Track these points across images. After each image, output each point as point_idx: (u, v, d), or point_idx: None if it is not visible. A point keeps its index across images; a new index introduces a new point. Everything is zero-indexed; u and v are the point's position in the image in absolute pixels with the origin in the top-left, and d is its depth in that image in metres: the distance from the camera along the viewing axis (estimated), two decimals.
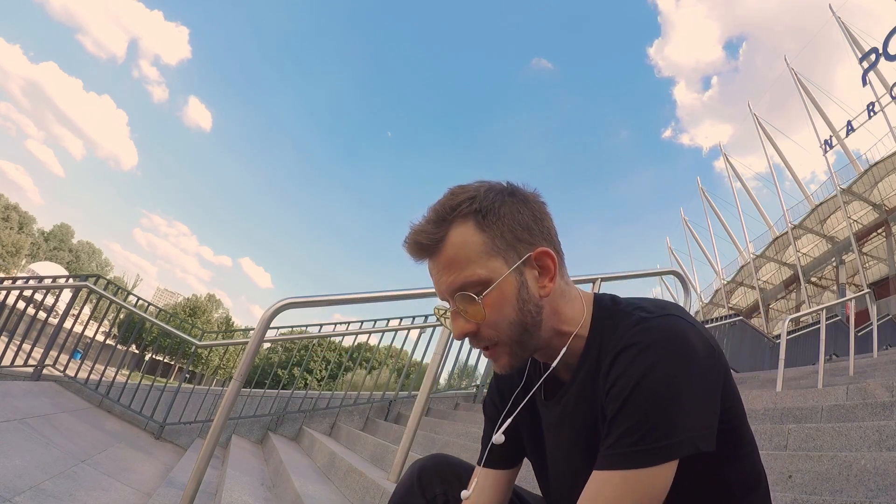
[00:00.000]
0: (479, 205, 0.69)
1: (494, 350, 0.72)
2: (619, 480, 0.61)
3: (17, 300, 4.53)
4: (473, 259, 0.69)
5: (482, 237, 0.69)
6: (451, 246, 0.69)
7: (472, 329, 0.70)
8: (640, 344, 0.64)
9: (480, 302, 0.68)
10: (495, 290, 0.68)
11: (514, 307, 0.69)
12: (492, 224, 0.69)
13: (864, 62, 20.73)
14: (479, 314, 0.69)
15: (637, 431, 0.61)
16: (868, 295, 7.06)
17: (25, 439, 2.83)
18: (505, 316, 0.69)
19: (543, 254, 0.70)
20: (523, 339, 0.71)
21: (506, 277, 0.69)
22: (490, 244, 0.69)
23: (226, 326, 46.08)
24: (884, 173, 21.01)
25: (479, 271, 0.68)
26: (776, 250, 28.13)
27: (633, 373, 0.62)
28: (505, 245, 0.69)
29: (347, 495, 2.29)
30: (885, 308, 16.57)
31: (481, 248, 0.69)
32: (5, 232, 52.19)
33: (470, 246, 0.69)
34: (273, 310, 2.09)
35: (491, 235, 0.69)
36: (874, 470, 1.52)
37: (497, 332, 0.70)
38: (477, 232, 0.69)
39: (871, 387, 3.09)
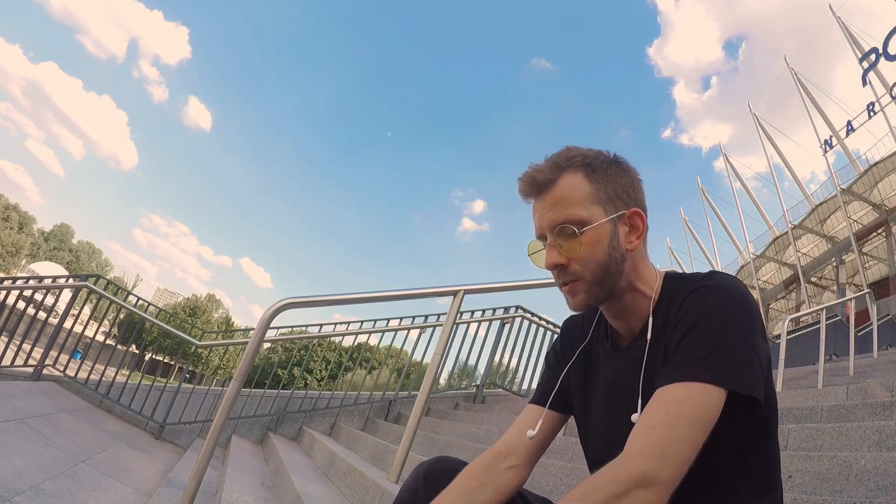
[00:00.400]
0: (591, 161, 0.81)
1: (575, 285, 0.80)
2: (685, 392, 0.66)
3: (17, 300, 4.53)
4: (578, 202, 0.79)
5: (589, 186, 0.80)
6: (562, 187, 0.80)
7: (563, 262, 0.79)
8: (708, 287, 0.74)
9: (579, 237, 0.78)
10: (592, 231, 0.78)
11: (604, 250, 0.79)
12: (598, 178, 0.80)
13: (864, 62, 20.73)
14: (575, 249, 0.78)
15: (702, 351, 0.68)
16: (868, 295, 7.06)
17: (25, 439, 2.83)
18: (595, 255, 0.78)
19: (636, 214, 0.81)
20: (604, 280, 0.79)
21: (603, 223, 0.79)
22: (594, 194, 0.80)
23: (226, 326, 46.08)
24: (884, 173, 21.01)
25: (582, 212, 0.78)
26: (776, 250, 28.14)
27: (700, 306, 0.72)
28: (606, 198, 0.80)
29: (347, 495, 2.29)
30: (885, 308, 16.57)
31: (586, 195, 0.79)
32: (5, 232, 52.19)
33: (577, 191, 0.79)
34: (273, 310, 2.09)
35: (596, 187, 0.80)
36: (874, 470, 1.52)
37: (583, 269, 0.79)
38: (585, 181, 0.80)
39: (871, 387, 3.09)
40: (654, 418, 0.65)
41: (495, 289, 2.83)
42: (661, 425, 0.64)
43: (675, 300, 0.77)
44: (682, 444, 0.62)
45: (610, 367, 0.85)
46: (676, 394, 0.66)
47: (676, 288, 0.79)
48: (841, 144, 22.57)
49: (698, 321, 0.70)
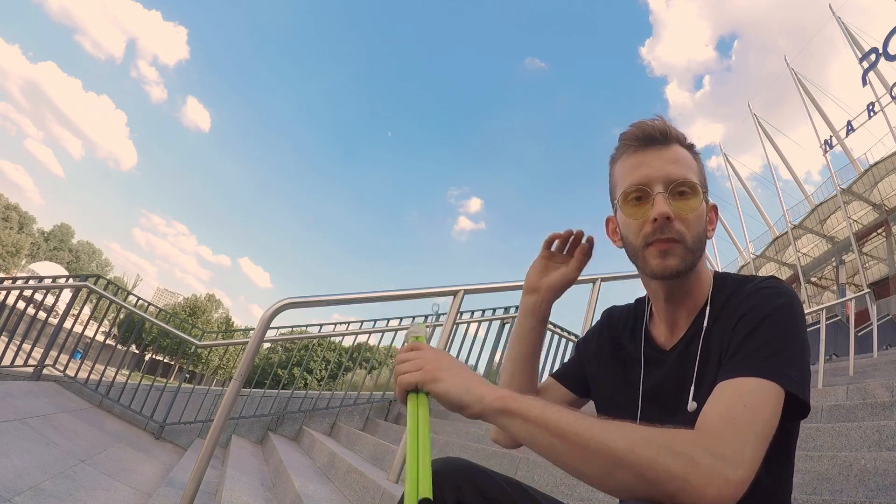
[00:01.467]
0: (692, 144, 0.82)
1: (673, 246, 0.76)
2: (756, 387, 0.63)
3: (17, 300, 4.53)
4: (694, 170, 0.79)
5: (696, 165, 0.80)
6: (680, 151, 0.80)
7: (671, 215, 0.75)
8: (774, 287, 0.73)
9: (693, 199, 0.77)
10: (703, 201, 0.78)
11: (703, 224, 0.79)
12: (699, 162, 0.82)
13: (864, 62, 20.72)
14: (687, 210, 0.76)
15: (770, 349, 0.66)
16: (868, 295, 7.06)
17: (25, 439, 2.83)
18: (699, 224, 0.78)
19: (715, 209, 0.83)
20: (696, 252, 0.77)
21: (705, 200, 0.79)
22: (699, 172, 0.80)
23: (226, 326, 46.08)
24: (884, 173, 21.00)
25: (696, 181, 0.78)
26: (776, 250, 28.13)
27: (769, 303, 0.70)
28: (703, 182, 0.80)
29: (347, 495, 2.29)
30: (885, 308, 16.56)
31: (696, 169, 0.80)
32: (5, 232, 52.18)
33: (691, 162, 0.80)
34: (273, 310, 2.09)
35: (699, 168, 0.81)
36: (874, 470, 1.52)
37: (687, 230, 0.76)
38: (692, 158, 0.81)
39: (871, 387, 3.10)
40: (732, 408, 0.61)
41: (495, 289, 2.83)
42: (741, 418, 0.59)
43: (734, 296, 0.75)
44: (760, 444, 0.59)
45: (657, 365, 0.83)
46: (749, 388, 0.62)
47: (731, 285, 0.78)
48: (841, 144, 22.56)
49: (766, 319, 0.68)
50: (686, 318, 0.81)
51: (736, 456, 0.56)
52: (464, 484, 0.81)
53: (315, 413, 4.92)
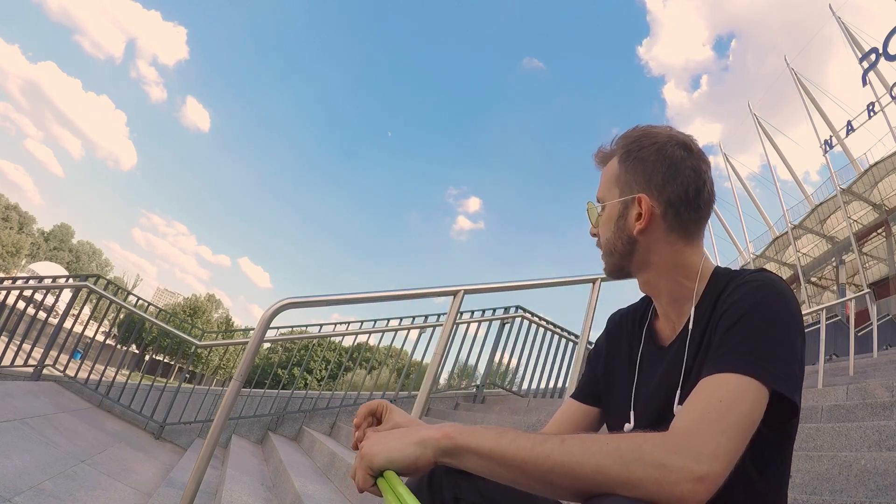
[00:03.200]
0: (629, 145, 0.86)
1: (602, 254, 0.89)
2: (735, 383, 0.62)
3: (17, 300, 4.53)
4: (607, 183, 0.87)
5: (616, 169, 0.86)
6: (608, 167, 0.89)
7: (593, 231, 0.91)
8: (759, 281, 0.72)
9: (599, 211, 0.89)
10: (607, 209, 0.87)
11: (611, 228, 0.86)
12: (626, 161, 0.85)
13: (864, 62, 20.72)
14: (594, 220, 0.90)
15: (749, 345, 0.65)
16: (868, 295, 7.05)
17: (25, 439, 2.83)
18: (605, 231, 0.87)
19: (641, 199, 0.82)
20: (612, 256, 0.87)
21: (613, 204, 0.86)
22: (620, 176, 0.85)
23: (226, 326, 46.08)
24: (884, 173, 21.00)
25: (604, 193, 0.88)
26: (776, 250, 28.13)
27: (751, 297, 0.70)
28: (625, 181, 0.84)
29: (347, 495, 2.29)
30: (885, 308, 16.56)
31: (613, 177, 0.86)
32: (5, 232, 52.18)
33: (610, 172, 0.88)
34: (273, 310, 2.09)
35: (624, 170, 0.85)
36: (874, 470, 1.52)
37: (601, 241, 0.89)
38: (617, 165, 0.86)
39: (871, 387, 3.09)
40: (706, 403, 0.60)
41: (495, 289, 2.83)
42: (715, 412, 0.59)
43: (724, 291, 0.75)
44: (736, 437, 0.58)
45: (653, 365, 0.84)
46: (726, 383, 0.62)
47: (725, 281, 0.78)
48: (841, 144, 22.57)
49: (747, 314, 0.68)
50: (676, 324, 0.82)
51: (708, 450, 0.56)
52: (462, 482, 0.80)
53: (315, 413, 4.93)
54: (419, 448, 0.64)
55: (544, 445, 0.58)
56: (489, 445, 0.61)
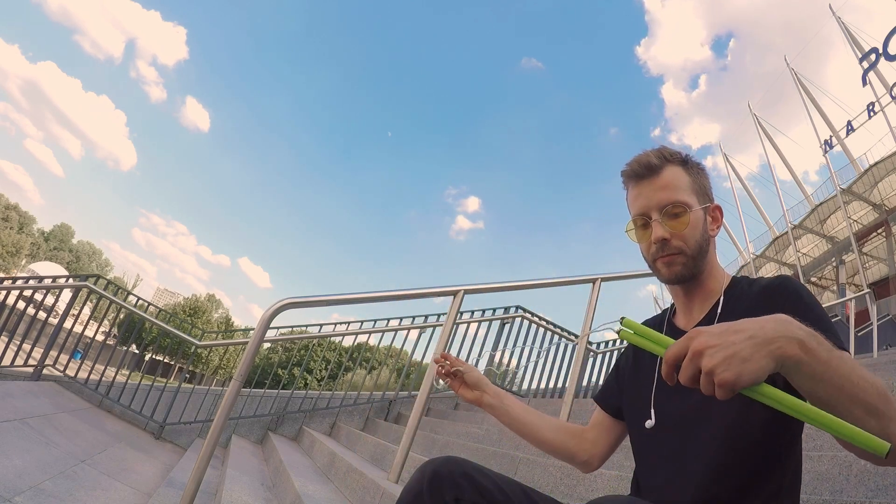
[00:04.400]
0: (686, 159, 0.96)
1: (674, 258, 0.91)
2: None
3: (17, 300, 4.53)
4: (683, 189, 0.93)
5: (688, 179, 0.94)
6: (668, 175, 0.93)
7: (667, 236, 0.91)
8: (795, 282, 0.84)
9: (684, 217, 0.91)
10: (693, 213, 0.92)
11: (699, 232, 0.92)
12: (693, 173, 0.95)
13: (864, 62, 20.71)
14: (680, 227, 0.91)
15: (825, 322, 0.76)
16: (868, 295, 7.05)
17: (25, 439, 2.82)
18: (694, 234, 0.92)
19: (717, 208, 0.97)
20: (698, 257, 0.92)
21: (698, 210, 0.93)
22: (691, 185, 0.94)
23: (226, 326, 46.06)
24: (884, 173, 21.00)
25: (686, 198, 0.92)
26: (776, 250, 28.12)
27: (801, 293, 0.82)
28: (699, 190, 0.95)
29: (347, 495, 2.29)
30: (885, 308, 16.55)
31: (687, 185, 0.93)
32: (5, 232, 52.16)
33: (681, 180, 0.93)
34: (273, 310, 2.09)
35: (693, 180, 0.94)
36: (874, 470, 1.52)
37: (685, 245, 0.91)
38: (685, 174, 0.94)
39: None
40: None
41: (495, 289, 2.83)
42: None
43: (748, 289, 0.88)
44: None
45: None
46: None
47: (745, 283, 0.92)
48: (841, 144, 22.56)
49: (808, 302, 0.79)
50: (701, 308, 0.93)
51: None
52: (463, 483, 0.81)
53: (315, 413, 4.92)
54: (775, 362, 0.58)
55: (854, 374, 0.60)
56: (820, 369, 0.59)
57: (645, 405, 0.92)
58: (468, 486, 0.81)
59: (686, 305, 0.96)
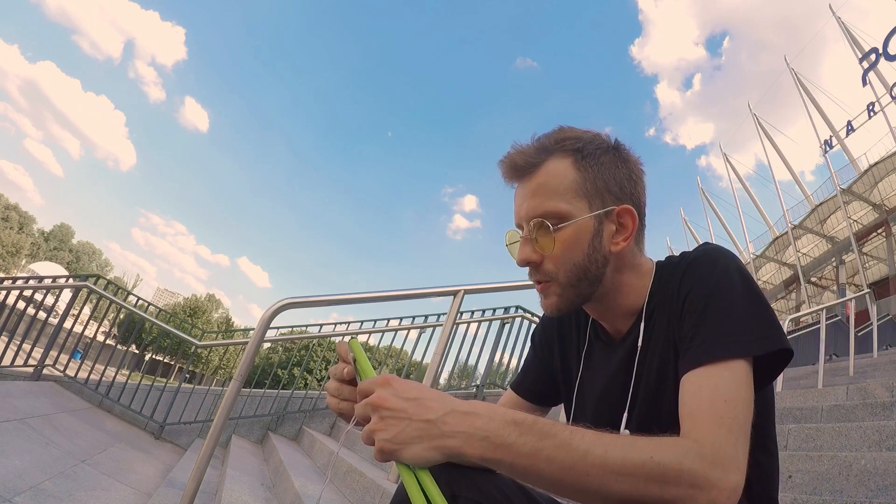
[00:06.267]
0: (583, 146, 0.71)
1: (548, 286, 0.72)
2: (726, 372, 0.59)
3: (17, 300, 4.53)
4: (561, 192, 0.70)
5: (575, 175, 0.70)
6: (545, 174, 0.70)
7: (536, 259, 0.71)
8: (706, 257, 0.68)
9: (553, 234, 0.69)
10: (571, 227, 0.69)
11: (582, 251, 0.70)
12: (588, 167, 0.70)
13: (864, 62, 20.72)
14: (549, 246, 0.70)
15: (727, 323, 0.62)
16: (868, 295, 7.05)
17: (25, 439, 2.82)
18: (571, 256, 0.70)
19: (626, 211, 0.71)
20: (580, 284, 0.71)
21: (585, 219, 0.70)
22: (581, 185, 0.70)
23: (226, 326, 46.06)
24: (884, 173, 21.00)
25: (562, 205, 0.69)
26: (776, 250, 28.12)
27: (706, 279, 0.66)
28: (594, 190, 0.70)
29: (347, 495, 2.29)
30: (885, 308, 16.57)
31: (571, 185, 0.70)
32: (5, 232, 52.16)
33: (561, 179, 0.70)
34: (273, 310, 2.09)
35: (584, 177, 0.70)
36: (874, 470, 1.52)
37: (557, 270, 0.71)
38: (572, 169, 0.70)
39: (871, 387, 3.09)
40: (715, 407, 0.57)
41: (495, 289, 2.83)
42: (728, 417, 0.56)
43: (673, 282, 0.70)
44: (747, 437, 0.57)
45: (604, 361, 0.79)
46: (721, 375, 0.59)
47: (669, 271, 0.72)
48: (841, 144, 22.56)
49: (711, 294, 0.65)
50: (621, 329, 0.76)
51: (731, 462, 0.54)
52: (460, 479, 0.80)
53: (315, 413, 4.92)
54: (446, 458, 0.56)
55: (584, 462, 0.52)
56: (523, 465, 0.54)
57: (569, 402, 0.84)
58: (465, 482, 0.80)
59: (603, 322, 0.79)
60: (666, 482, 0.51)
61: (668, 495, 0.51)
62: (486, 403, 0.57)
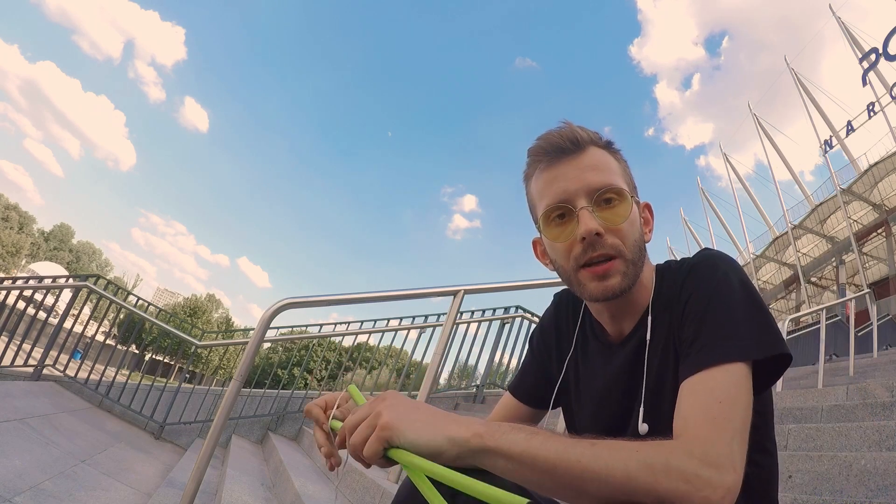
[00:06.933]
0: (609, 143, 0.75)
1: (612, 265, 0.69)
2: (723, 376, 0.60)
3: (17, 300, 4.53)
4: (616, 172, 0.72)
5: (616, 164, 0.74)
6: (594, 155, 0.72)
7: (601, 230, 0.69)
8: (705, 262, 0.70)
9: (622, 205, 0.70)
10: (633, 204, 0.71)
11: (639, 230, 0.73)
12: (620, 160, 0.75)
13: (864, 62, 20.72)
14: (617, 219, 0.69)
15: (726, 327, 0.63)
16: (868, 295, 7.05)
17: (25, 439, 2.82)
18: (633, 231, 0.71)
19: (648, 208, 0.76)
20: (638, 263, 0.71)
21: (635, 202, 0.72)
22: (623, 172, 0.74)
23: (226, 326, 46.07)
24: (884, 173, 21.00)
25: (622, 184, 0.71)
26: (776, 250, 28.13)
27: (708, 281, 0.67)
28: (629, 180, 0.75)
29: (347, 495, 2.29)
30: (885, 308, 16.57)
31: (619, 170, 0.73)
32: (5, 232, 52.16)
33: (611, 163, 0.73)
34: (273, 310, 2.09)
35: (622, 168, 0.74)
36: (874, 470, 1.52)
37: (622, 242, 0.70)
38: (612, 159, 0.74)
39: (871, 387, 3.09)
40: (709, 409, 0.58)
41: (495, 289, 2.83)
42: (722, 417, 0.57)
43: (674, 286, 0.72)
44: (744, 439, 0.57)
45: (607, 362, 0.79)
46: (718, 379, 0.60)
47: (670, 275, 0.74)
48: (841, 144, 22.57)
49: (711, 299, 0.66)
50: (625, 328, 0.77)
51: (726, 461, 0.54)
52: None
53: None
54: (447, 443, 0.56)
55: (575, 449, 0.54)
56: (520, 448, 0.55)
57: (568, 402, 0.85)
58: None
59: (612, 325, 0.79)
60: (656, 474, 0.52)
61: (660, 488, 0.52)
62: None
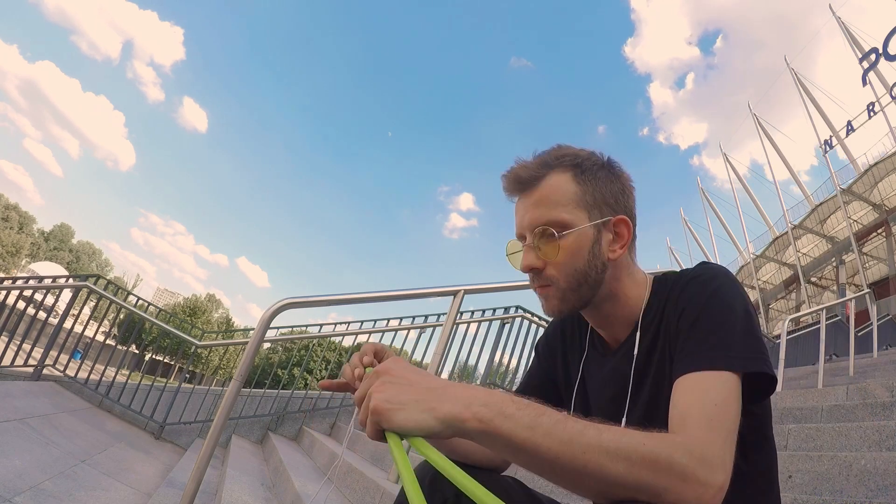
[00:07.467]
0: (581, 162, 0.77)
1: (548, 290, 0.76)
2: (716, 381, 0.62)
3: (17, 300, 4.53)
4: (563, 203, 0.75)
5: (576, 188, 0.76)
6: (547, 186, 0.76)
7: (539, 266, 0.76)
8: (707, 274, 0.73)
9: (557, 241, 0.74)
10: (573, 235, 0.75)
11: (583, 257, 0.75)
12: (586, 181, 0.76)
13: (864, 62, 20.72)
14: (553, 253, 0.75)
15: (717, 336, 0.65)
16: (868, 295, 7.06)
17: (25, 439, 2.82)
18: (573, 262, 0.75)
19: (622, 221, 0.78)
20: (580, 289, 0.76)
21: (585, 228, 0.75)
22: (580, 196, 0.76)
23: (226, 326, 46.06)
24: (884, 173, 21.00)
25: (564, 215, 0.75)
26: (776, 250, 28.12)
27: (705, 291, 0.70)
28: (592, 202, 0.76)
29: (347, 495, 2.29)
30: (885, 308, 16.57)
31: (572, 197, 0.76)
32: (5, 232, 52.15)
33: (563, 191, 0.76)
34: (273, 310, 2.09)
35: (583, 190, 0.76)
36: (874, 470, 1.52)
37: (558, 275, 0.75)
38: (572, 182, 0.76)
39: (871, 387, 3.10)
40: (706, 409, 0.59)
41: (495, 289, 2.83)
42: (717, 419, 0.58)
43: (671, 296, 0.74)
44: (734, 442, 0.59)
45: (600, 369, 0.83)
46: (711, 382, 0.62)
47: (667, 286, 0.77)
48: (841, 144, 22.56)
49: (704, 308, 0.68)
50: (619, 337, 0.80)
51: (719, 462, 0.56)
52: None
53: (315, 413, 4.92)
54: (441, 425, 0.54)
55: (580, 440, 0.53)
56: (521, 438, 0.54)
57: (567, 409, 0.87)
58: None
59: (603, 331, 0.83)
60: (657, 470, 0.53)
61: (659, 484, 0.53)
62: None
